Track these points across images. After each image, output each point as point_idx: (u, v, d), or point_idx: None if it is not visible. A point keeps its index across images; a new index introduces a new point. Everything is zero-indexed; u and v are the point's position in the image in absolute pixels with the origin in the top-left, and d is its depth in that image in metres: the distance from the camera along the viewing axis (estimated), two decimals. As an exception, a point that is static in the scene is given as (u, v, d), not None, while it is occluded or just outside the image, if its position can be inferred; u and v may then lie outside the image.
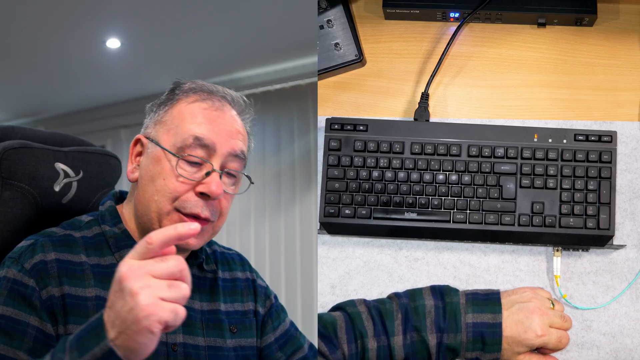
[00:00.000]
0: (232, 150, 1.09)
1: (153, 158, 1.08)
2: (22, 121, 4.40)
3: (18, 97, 4.06)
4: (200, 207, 1.06)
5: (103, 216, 1.12)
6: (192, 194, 1.06)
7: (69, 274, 1.05)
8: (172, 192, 1.06)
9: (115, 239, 1.10)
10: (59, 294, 1.03)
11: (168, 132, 1.09)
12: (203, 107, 1.10)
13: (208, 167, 1.07)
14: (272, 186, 3.55)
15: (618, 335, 1.33)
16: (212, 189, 1.06)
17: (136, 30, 3.05)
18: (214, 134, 1.08)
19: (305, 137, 3.46)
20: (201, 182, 1.07)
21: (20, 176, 1.17)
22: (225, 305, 1.18)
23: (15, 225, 1.14)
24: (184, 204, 1.06)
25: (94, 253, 1.09)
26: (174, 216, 1.06)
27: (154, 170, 1.08)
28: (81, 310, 1.03)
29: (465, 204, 1.34)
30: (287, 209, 3.50)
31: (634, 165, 1.38)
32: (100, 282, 1.06)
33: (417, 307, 1.24)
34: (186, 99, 1.11)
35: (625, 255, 1.35)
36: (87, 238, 1.10)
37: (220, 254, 1.24)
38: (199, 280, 1.16)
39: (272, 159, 3.58)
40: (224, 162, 1.09)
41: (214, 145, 1.08)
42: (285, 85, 3.52)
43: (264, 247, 3.55)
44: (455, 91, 1.44)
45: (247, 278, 1.24)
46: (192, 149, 1.07)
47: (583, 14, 1.39)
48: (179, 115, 1.09)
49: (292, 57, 3.39)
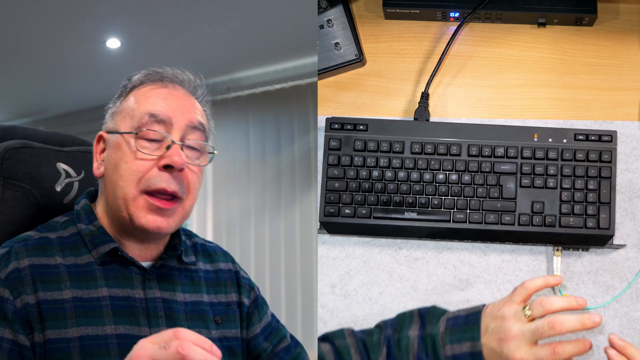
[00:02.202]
0: (189, 122, 1.10)
1: (114, 146, 1.09)
2: (22, 121, 4.41)
3: (18, 97, 4.06)
4: (165, 181, 1.06)
5: (78, 215, 1.12)
6: (156, 169, 1.06)
7: (44, 278, 1.04)
8: (135, 173, 1.06)
9: (91, 237, 1.09)
10: (34, 301, 1.02)
11: (124, 118, 1.10)
12: (154, 88, 1.12)
13: (168, 141, 1.07)
14: (272, 186, 3.56)
15: (618, 335, 1.33)
16: (175, 159, 1.05)
17: (136, 30, 3.05)
18: (169, 109, 1.09)
19: (305, 137, 3.46)
20: (163, 156, 1.06)
21: (22, 176, 1.17)
22: (209, 296, 1.18)
23: (17, 225, 1.14)
24: (148, 182, 1.05)
25: (71, 253, 1.08)
26: (140, 200, 1.06)
27: (115, 157, 1.08)
28: (58, 313, 1.02)
29: (465, 204, 1.34)
30: (287, 209, 3.50)
31: (634, 165, 1.38)
32: (76, 281, 1.05)
33: (401, 340, 1.17)
34: (138, 87, 1.13)
35: (625, 255, 1.35)
36: (63, 238, 1.09)
37: (201, 246, 1.23)
38: (179, 272, 1.16)
39: (272, 159, 3.58)
40: (183, 135, 1.09)
41: (170, 119, 1.08)
42: (285, 85, 3.52)
43: (264, 247, 3.55)
44: (455, 91, 1.44)
45: (229, 269, 1.24)
46: (149, 125, 1.07)
47: (583, 14, 1.40)
48: (133, 102, 1.11)
49: (292, 57, 3.39)
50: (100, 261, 1.08)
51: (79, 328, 1.02)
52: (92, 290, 1.06)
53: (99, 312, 1.05)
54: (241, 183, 3.66)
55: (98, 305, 1.05)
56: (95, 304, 1.05)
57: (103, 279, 1.07)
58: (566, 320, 1.08)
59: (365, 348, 1.18)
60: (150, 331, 1.08)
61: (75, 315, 1.03)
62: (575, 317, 1.09)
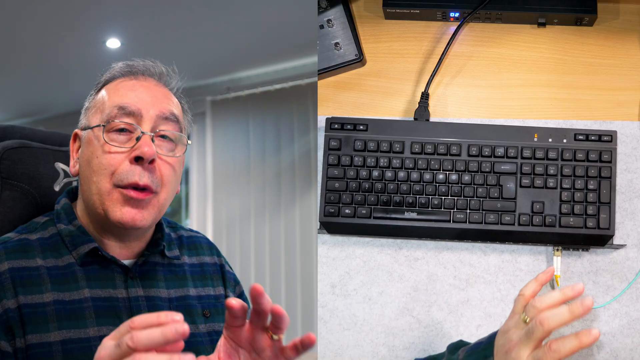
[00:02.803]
0: (160, 112, 1.07)
1: (86, 142, 1.08)
2: (22, 121, 4.41)
3: (18, 97, 4.06)
4: (137, 175, 1.03)
5: (58, 215, 1.10)
6: (127, 163, 1.04)
7: (24, 281, 1.02)
8: (106, 167, 1.04)
9: (71, 237, 1.08)
10: (14, 306, 1.00)
11: (95, 113, 1.09)
12: (124, 81, 1.10)
13: (137, 133, 1.05)
14: (272, 186, 3.56)
15: (618, 335, 1.33)
16: (144, 149, 1.03)
17: (136, 30, 3.05)
18: (138, 100, 1.07)
19: (305, 137, 3.46)
20: (132, 148, 1.04)
21: (20, 176, 1.17)
22: (196, 289, 1.17)
23: (15, 225, 1.13)
24: (120, 176, 1.03)
25: (51, 255, 1.06)
26: (114, 194, 1.04)
27: (87, 153, 1.06)
28: (39, 317, 1.01)
29: (465, 204, 1.34)
30: (287, 209, 3.50)
31: (634, 165, 1.38)
32: (57, 284, 1.04)
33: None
34: (110, 82, 1.11)
35: (625, 255, 1.35)
36: (43, 239, 1.08)
37: (186, 239, 1.22)
38: (163, 267, 1.14)
39: (272, 159, 3.58)
40: (154, 126, 1.07)
41: (139, 110, 1.06)
42: (285, 85, 3.52)
43: (264, 247, 3.55)
44: (455, 91, 1.44)
45: (215, 263, 1.23)
46: (118, 118, 1.05)
47: (583, 14, 1.39)
48: (103, 96, 1.09)
49: (292, 57, 3.39)
50: (80, 262, 1.06)
51: (61, 332, 1.01)
52: (73, 292, 1.04)
53: (81, 315, 1.03)
54: (241, 183, 3.66)
55: (80, 307, 1.03)
56: (77, 306, 1.03)
57: (84, 280, 1.05)
58: (554, 314, 1.00)
59: None
60: None
61: (57, 319, 1.01)
62: (564, 307, 1.02)
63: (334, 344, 1.36)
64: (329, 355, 1.36)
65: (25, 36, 3.07)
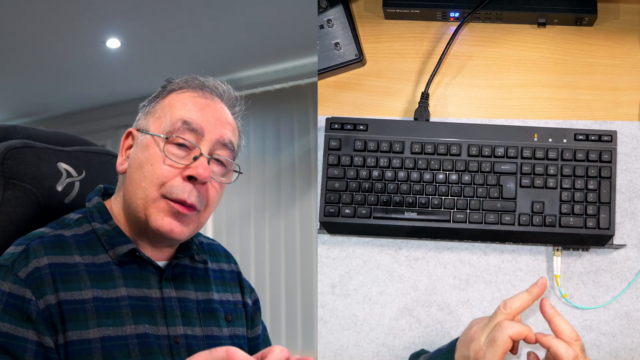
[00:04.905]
0: (220, 137, 1.09)
1: (142, 146, 1.09)
2: (22, 121, 4.41)
3: (18, 97, 4.07)
4: (187, 193, 1.05)
5: (92, 213, 1.11)
6: (180, 178, 1.06)
7: (64, 277, 1.03)
8: (159, 177, 1.06)
9: (107, 237, 1.09)
10: (55, 301, 1.01)
11: (157, 119, 1.10)
12: (193, 96, 1.11)
13: (196, 152, 1.07)
14: (272, 186, 3.56)
15: (618, 335, 1.33)
16: (200, 171, 1.05)
17: (136, 30, 3.05)
18: (203, 120, 1.08)
19: (305, 137, 3.46)
20: (188, 166, 1.06)
21: (23, 176, 1.17)
22: (218, 294, 1.19)
23: (18, 225, 1.14)
24: (170, 190, 1.05)
25: (88, 252, 1.07)
26: (160, 203, 1.06)
27: (142, 157, 1.08)
28: (79, 314, 1.02)
29: (465, 204, 1.34)
30: (287, 209, 3.50)
31: (634, 165, 1.38)
32: (96, 281, 1.05)
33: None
34: (177, 91, 1.12)
35: (625, 254, 1.35)
36: (78, 236, 1.08)
37: (207, 245, 1.24)
38: (192, 270, 1.16)
39: (272, 159, 3.58)
40: (212, 149, 1.09)
41: (202, 130, 1.08)
42: (285, 85, 3.53)
43: (264, 247, 3.55)
44: (455, 91, 1.44)
45: (232, 270, 1.25)
46: (181, 132, 1.07)
47: (583, 14, 1.40)
48: (169, 104, 1.10)
49: (292, 57, 3.40)
50: (118, 261, 1.08)
51: (100, 329, 1.02)
52: (110, 290, 1.05)
53: (119, 313, 1.04)
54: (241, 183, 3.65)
55: (117, 306, 1.05)
56: (115, 304, 1.05)
57: (121, 279, 1.07)
58: (515, 297, 1.03)
59: None
60: (167, 330, 1.08)
61: (96, 316, 1.02)
62: (524, 291, 1.04)
63: (334, 344, 1.37)
64: (329, 355, 1.36)
65: (25, 36, 3.07)
